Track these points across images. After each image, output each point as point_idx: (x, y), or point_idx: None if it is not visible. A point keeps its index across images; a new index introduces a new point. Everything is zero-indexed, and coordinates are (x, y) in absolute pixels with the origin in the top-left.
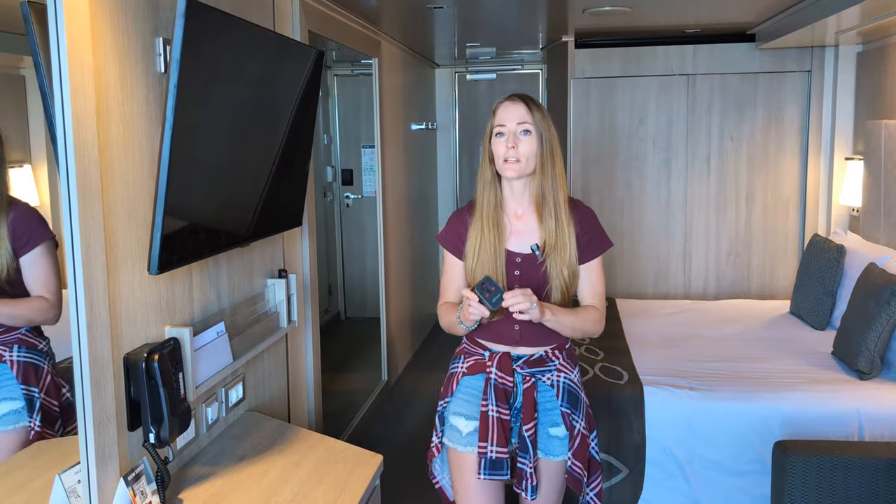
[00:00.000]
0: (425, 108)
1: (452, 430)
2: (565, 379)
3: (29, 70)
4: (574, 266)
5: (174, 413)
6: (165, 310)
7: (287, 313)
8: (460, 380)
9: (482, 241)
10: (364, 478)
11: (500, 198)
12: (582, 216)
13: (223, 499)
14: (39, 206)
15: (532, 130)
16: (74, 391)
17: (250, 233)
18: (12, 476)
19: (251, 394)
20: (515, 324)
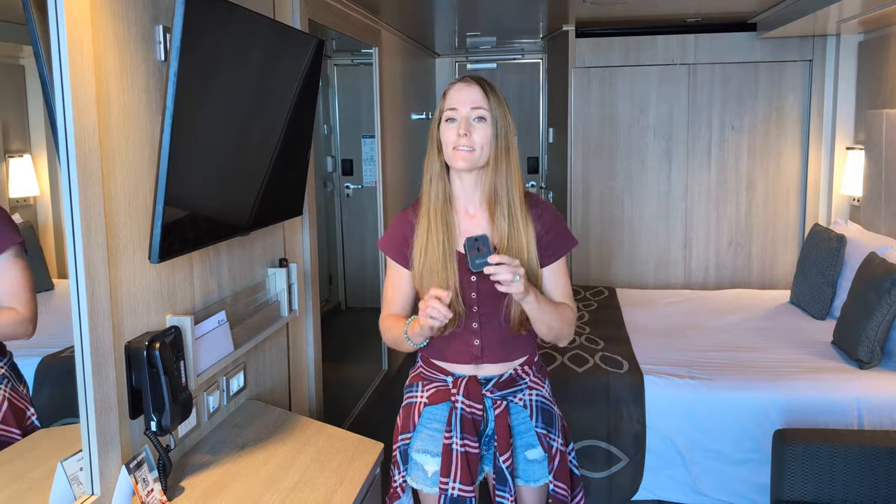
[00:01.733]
0: (425, 98)
1: (417, 468)
2: (538, 397)
3: (28, 59)
4: (535, 268)
5: (175, 401)
6: (167, 298)
7: (288, 302)
8: (422, 411)
9: (429, 241)
10: (365, 466)
11: (449, 192)
12: (542, 213)
13: (225, 486)
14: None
15: (487, 117)
16: (79, 384)
17: (251, 222)
18: (12, 465)
19: (252, 382)
20: (475, 337)
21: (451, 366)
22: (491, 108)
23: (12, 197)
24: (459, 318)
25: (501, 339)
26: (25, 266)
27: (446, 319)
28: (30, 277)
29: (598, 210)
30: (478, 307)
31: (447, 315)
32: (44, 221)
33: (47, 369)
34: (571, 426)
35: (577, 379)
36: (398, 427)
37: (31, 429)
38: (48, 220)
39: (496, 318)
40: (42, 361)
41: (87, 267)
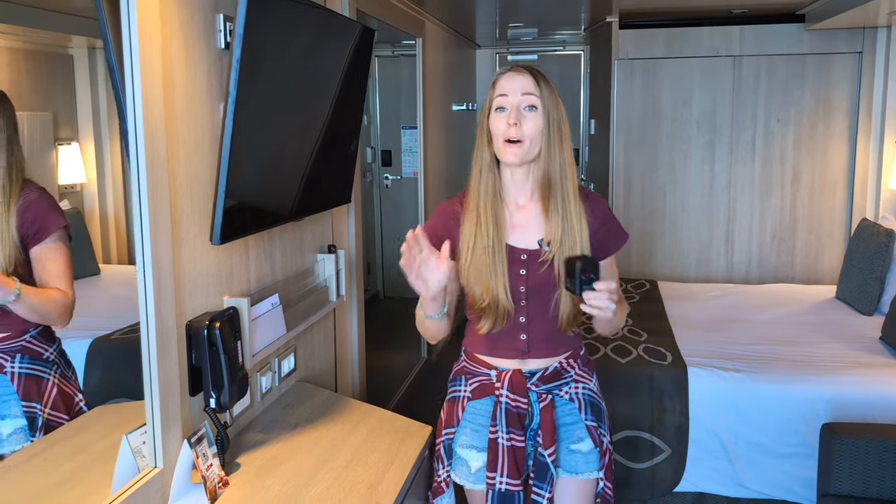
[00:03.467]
0: (466, 89)
1: (461, 464)
2: (585, 390)
3: (77, 49)
4: None
5: (233, 379)
6: (224, 280)
7: (336, 288)
8: (465, 406)
9: (478, 237)
10: (415, 447)
11: (499, 185)
12: (594, 207)
13: (279, 464)
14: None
15: (539, 106)
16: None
17: (303, 208)
18: (75, 439)
19: (302, 365)
20: (522, 332)
21: (496, 360)
22: (542, 97)
23: (61, 184)
24: (508, 314)
25: (548, 334)
26: (68, 250)
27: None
28: (70, 263)
29: (640, 202)
30: (526, 302)
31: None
32: (90, 208)
33: (97, 351)
34: (614, 417)
35: (621, 370)
36: (441, 421)
37: (79, 414)
38: (94, 207)
39: (544, 313)
40: (93, 343)
41: (153, 249)
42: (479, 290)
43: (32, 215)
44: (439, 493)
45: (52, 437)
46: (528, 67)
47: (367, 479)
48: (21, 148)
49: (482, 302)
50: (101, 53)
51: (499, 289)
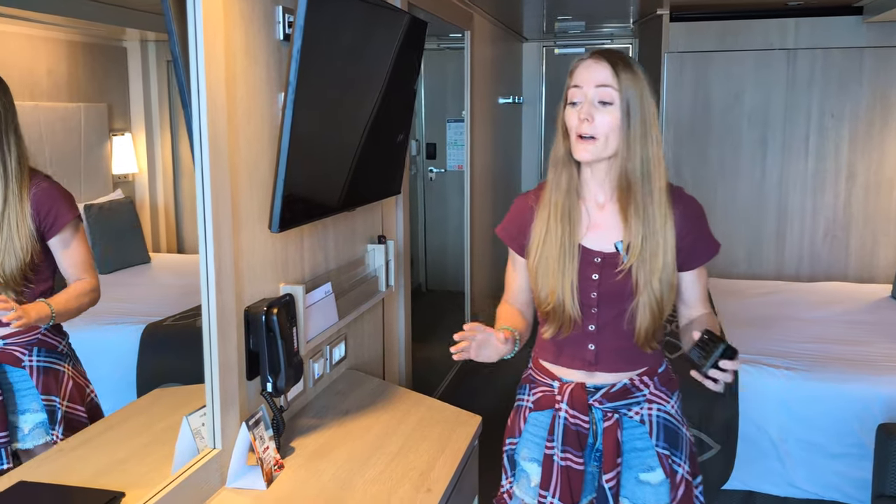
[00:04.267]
0: (512, 83)
1: (524, 477)
2: (660, 412)
3: (130, 42)
4: (670, 276)
5: (289, 364)
6: (280, 268)
7: (385, 278)
8: (528, 416)
9: (548, 235)
10: (465, 436)
11: (576, 181)
12: (686, 211)
13: (332, 449)
14: (137, 174)
15: (615, 100)
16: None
17: (356, 198)
18: (134, 420)
19: (352, 353)
20: (590, 342)
21: (561, 370)
22: (621, 89)
23: (115, 174)
24: (574, 321)
25: (620, 346)
26: (85, 238)
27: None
28: (89, 247)
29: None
30: (597, 309)
31: (472, 339)
32: (141, 198)
33: (150, 337)
34: None
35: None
36: (507, 429)
37: (92, 405)
38: (145, 197)
39: (617, 324)
40: (146, 329)
41: (215, 236)
42: (545, 292)
43: (48, 205)
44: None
45: (113, 419)
46: (607, 54)
47: (419, 467)
48: (22, 136)
49: (547, 305)
50: (152, 46)
51: (565, 293)
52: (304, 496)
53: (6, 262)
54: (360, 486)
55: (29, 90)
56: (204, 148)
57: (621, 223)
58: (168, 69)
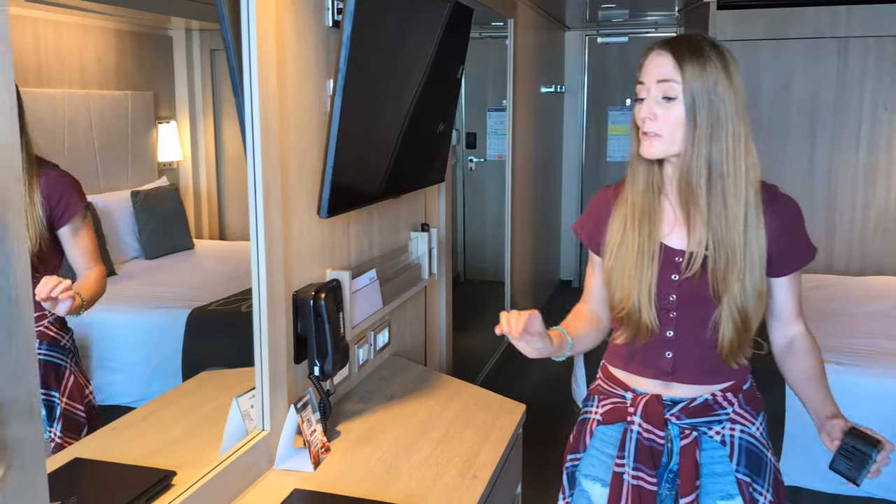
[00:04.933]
0: (554, 72)
1: (583, 497)
2: (744, 434)
3: (176, 31)
4: (756, 284)
5: (336, 349)
6: (327, 253)
7: (428, 265)
8: (594, 430)
9: (625, 235)
10: (510, 424)
11: (657, 177)
12: (781, 211)
13: (378, 434)
14: (181, 161)
15: (678, 94)
16: (255, 329)
17: (402, 185)
18: (183, 402)
19: (395, 340)
20: (667, 349)
21: (634, 379)
22: (685, 82)
23: (160, 161)
24: (650, 329)
25: (701, 356)
26: (92, 227)
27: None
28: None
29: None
30: (676, 313)
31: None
32: (185, 185)
33: (195, 321)
34: None
35: None
36: (569, 444)
37: (91, 406)
38: (189, 184)
39: (698, 331)
40: (191, 314)
41: (266, 221)
42: (619, 295)
43: (58, 194)
44: None
45: (162, 400)
46: (674, 44)
47: (464, 453)
48: (27, 124)
49: (620, 310)
50: (196, 35)
51: (641, 298)
52: (350, 479)
53: None
54: (405, 470)
55: (80, 78)
56: (256, 134)
57: (683, 226)
58: (212, 58)
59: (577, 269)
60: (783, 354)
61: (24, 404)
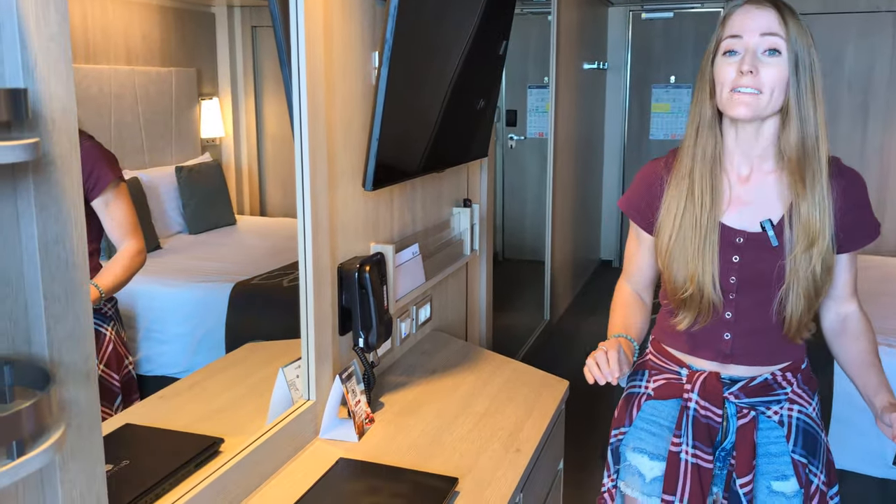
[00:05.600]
0: (597, 48)
1: (631, 472)
2: (801, 415)
3: (218, 8)
4: (829, 258)
5: (380, 321)
6: (371, 227)
7: (470, 242)
8: (643, 404)
9: (685, 213)
10: (553, 399)
11: (720, 148)
12: (848, 187)
13: (421, 406)
14: (224, 138)
15: (783, 50)
16: (301, 300)
17: (446, 159)
18: (228, 373)
19: (436, 315)
20: (726, 330)
21: (690, 358)
22: (789, 39)
23: (203, 137)
24: (713, 310)
25: (760, 337)
26: (129, 199)
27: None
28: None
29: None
30: (735, 295)
31: (608, 373)
32: (227, 161)
33: (238, 295)
34: None
35: None
36: (614, 419)
37: (128, 378)
38: (231, 160)
39: (759, 311)
40: (234, 288)
41: (312, 193)
42: (682, 276)
43: (90, 165)
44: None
45: (208, 370)
46: (772, 0)
47: (507, 427)
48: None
49: (683, 291)
50: (238, 12)
51: (706, 278)
52: (394, 449)
53: None
54: (448, 442)
55: (125, 54)
56: (303, 107)
57: (770, 197)
58: (253, 35)
59: (618, 248)
60: (835, 335)
61: (81, 367)
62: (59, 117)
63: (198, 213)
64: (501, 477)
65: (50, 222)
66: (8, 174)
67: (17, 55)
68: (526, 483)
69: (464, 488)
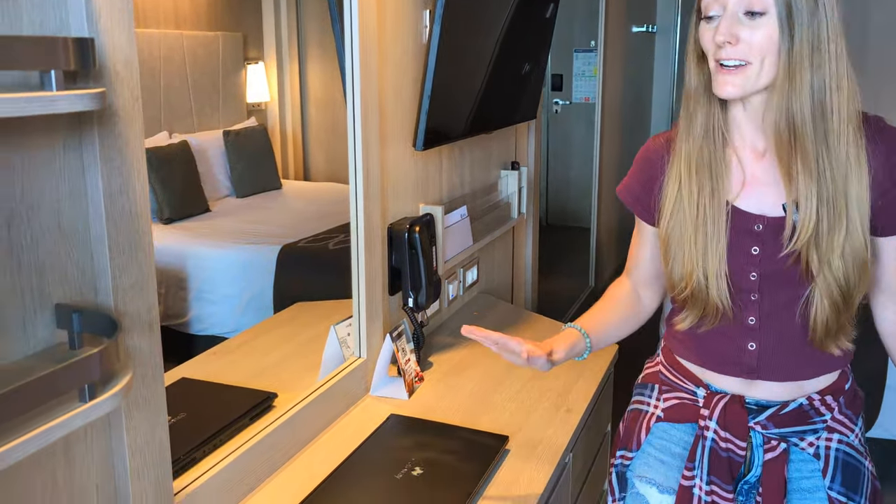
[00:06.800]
0: (646, 10)
1: (637, 501)
2: (842, 445)
3: None
4: (860, 250)
5: (430, 282)
6: (421, 188)
7: (517, 205)
8: (652, 427)
9: (679, 196)
10: (601, 364)
11: (719, 121)
12: (890, 150)
13: (469, 366)
14: (269, 102)
15: (768, 8)
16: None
17: (492, 121)
18: (278, 331)
19: (483, 278)
20: (751, 339)
21: (708, 374)
22: None
23: (249, 101)
24: (719, 311)
25: (794, 347)
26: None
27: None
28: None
29: None
30: (758, 295)
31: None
32: (271, 126)
33: (285, 257)
34: None
35: None
36: (618, 436)
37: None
38: (275, 125)
39: (789, 315)
40: (282, 250)
41: (364, 154)
42: (678, 272)
43: None
44: None
45: (259, 329)
46: None
47: (556, 389)
48: None
49: (681, 290)
50: None
51: (709, 272)
52: (444, 407)
53: None
54: (497, 402)
55: (174, 19)
56: (355, 65)
57: (779, 179)
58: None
59: None
60: (893, 337)
61: (144, 317)
62: (122, 69)
63: (245, 177)
64: (552, 436)
65: (114, 174)
66: (75, 125)
67: (81, 5)
68: (576, 444)
69: (514, 446)
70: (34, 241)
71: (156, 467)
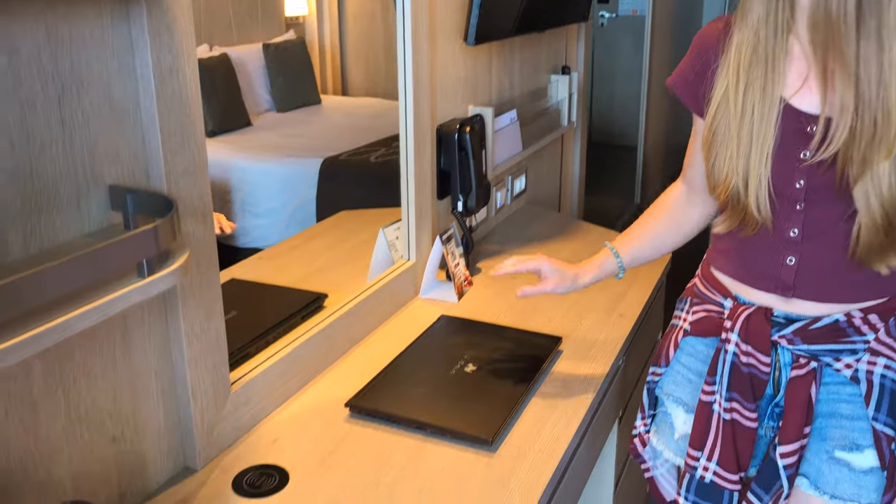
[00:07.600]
0: None
1: (665, 421)
2: (888, 370)
3: None
4: None
5: (480, 185)
6: (470, 89)
7: (567, 112)
8: (680, 342)
9: (737, 86)
10: (654, 272)
11: (784, 6)
12: None
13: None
14: (307, 15)
15: None
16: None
17: (547, 18)
18: (325, 237)
19: (531, 187)
20: (790, 253)
21: (741, 287)
22: None
23: (287, 15)
24: (757, 220)
25: (837, 264)
26: None
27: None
28: None
29: None
30: (803, 205)
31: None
32: (310, 40)
33: (327, 169)
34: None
35: None
36: (655, 354)
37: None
38: (314, 39)
39: (834, 230)
40: (323, 163)
41: (414, 51)
42: (720, 170)
43: None
44: (634, 454)
45: (305, 235)
46: None
47: (609, 294)
48: None
49: (722, 191)
50: None
51: (750, 174)
52: (494, 310)
53: None
54: (549, 307)
55: None
56: None
57: (815, 77)
58: None
59: None
60: None
61: (197, 204)
62: None
63: (285, 91)
64: (606, 339)
65: (164, 51)
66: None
67: None
68: (629, 347)
69: (567, 347)
70: (85, 119)
71: (213, 355)
